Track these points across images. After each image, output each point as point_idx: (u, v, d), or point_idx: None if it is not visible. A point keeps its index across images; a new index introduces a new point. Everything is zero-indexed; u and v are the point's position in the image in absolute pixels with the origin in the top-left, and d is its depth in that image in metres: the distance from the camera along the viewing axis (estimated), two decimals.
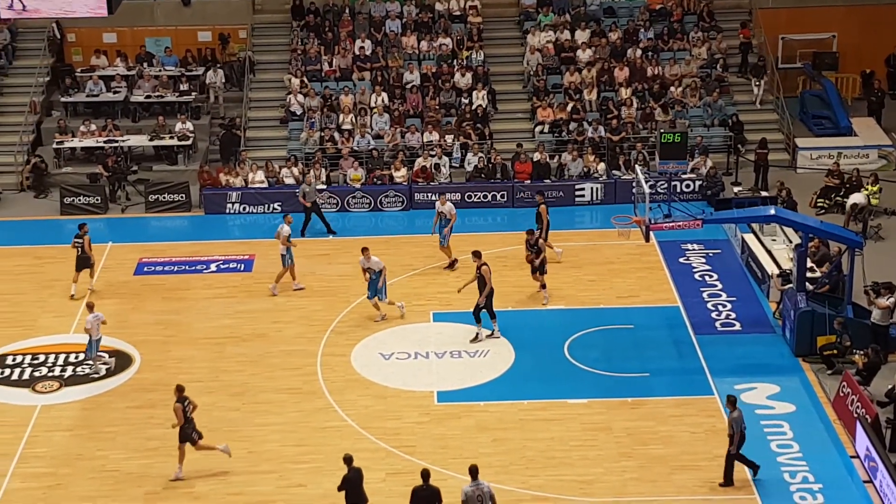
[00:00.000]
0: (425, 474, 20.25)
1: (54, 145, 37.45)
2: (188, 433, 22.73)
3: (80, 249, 29.78)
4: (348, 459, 20.83)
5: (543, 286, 29.42)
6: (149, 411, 25.09)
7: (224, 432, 24.12)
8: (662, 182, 32.50)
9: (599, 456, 23.26)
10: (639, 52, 39.52)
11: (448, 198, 31.86)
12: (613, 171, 35.88)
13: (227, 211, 35.25)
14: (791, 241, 29.76)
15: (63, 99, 39.27)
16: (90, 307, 26.82)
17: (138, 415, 25.02)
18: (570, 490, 20.43)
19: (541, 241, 29.65)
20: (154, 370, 26.71)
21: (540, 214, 30.85)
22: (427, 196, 34.93)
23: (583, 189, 35.41)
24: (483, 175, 35.89)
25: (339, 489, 20.85)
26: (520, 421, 24.50)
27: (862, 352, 25.24)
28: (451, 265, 31.08)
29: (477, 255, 27.52)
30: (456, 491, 20.57)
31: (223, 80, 39.12)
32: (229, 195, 35.26)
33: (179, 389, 22.85)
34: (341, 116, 37.77)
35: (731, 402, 21.98)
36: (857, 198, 32.55)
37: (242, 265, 31.72)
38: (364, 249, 28.57)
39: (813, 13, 41.02)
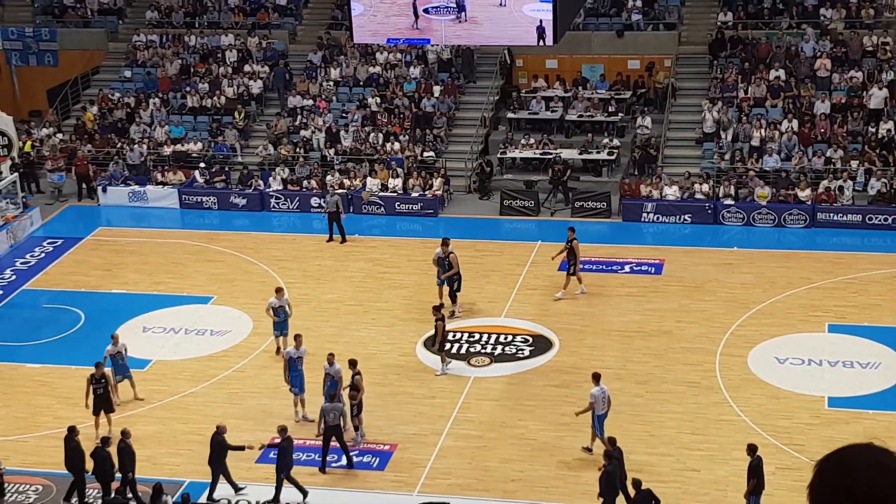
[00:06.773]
0: (637, 482, 20.02)
1: (498, 155, 38.63)
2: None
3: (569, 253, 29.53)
4: (282, 430, 21.00)
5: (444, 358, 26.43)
6: (564, 390, 25.32)
7: (628, 415, 24.04)
8: None
9: None
10: None
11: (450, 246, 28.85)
12: None
13: (643, 219, 35.09)
14: None
15: (509, 115, 40.41)
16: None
17: (555, 393, 25.30)
18: None
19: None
20: (570, 355, 26.94)
21: (573, 249, 28.95)
22: (829, 216, 33.39)
23: None
24: (885, 199, 33.86)
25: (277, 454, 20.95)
26: None
27: None
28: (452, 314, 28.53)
29: None
30: None
31: (650, 125, 38.73)
32: (645, 205, 35.12)
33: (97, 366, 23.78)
34: (752, 139, 36.74)
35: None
36: None
37: (653, 268, 31.46)
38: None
39: None
